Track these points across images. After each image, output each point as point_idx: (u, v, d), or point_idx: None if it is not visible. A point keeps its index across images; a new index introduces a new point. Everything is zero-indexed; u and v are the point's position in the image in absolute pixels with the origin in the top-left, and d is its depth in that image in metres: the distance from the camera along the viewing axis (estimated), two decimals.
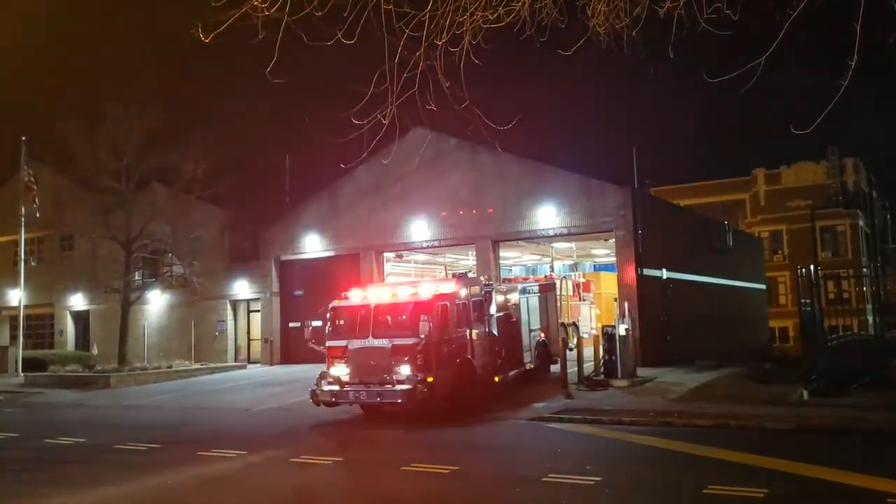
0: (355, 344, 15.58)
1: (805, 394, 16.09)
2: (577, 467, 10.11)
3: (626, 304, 21.91)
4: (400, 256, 33.72)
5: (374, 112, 5.89)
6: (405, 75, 5.81)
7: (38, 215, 31.84)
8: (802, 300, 17.49)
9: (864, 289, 46.12)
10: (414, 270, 37.31)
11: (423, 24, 5.68)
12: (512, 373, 18.46)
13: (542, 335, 20.72)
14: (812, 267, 18.31)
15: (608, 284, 32.25)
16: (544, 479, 9.45)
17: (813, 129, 6.05)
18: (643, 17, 5.92)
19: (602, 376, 19.16)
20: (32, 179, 31.53)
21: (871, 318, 44.36)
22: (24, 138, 32.15)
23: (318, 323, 16.45)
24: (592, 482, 9.22)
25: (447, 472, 10.22)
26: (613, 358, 19.07)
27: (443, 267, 37.40)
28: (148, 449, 13.21)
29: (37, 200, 31.39)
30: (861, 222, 53.32)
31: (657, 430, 13.33)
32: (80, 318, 38.53)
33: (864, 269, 48.46)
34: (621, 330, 19.25)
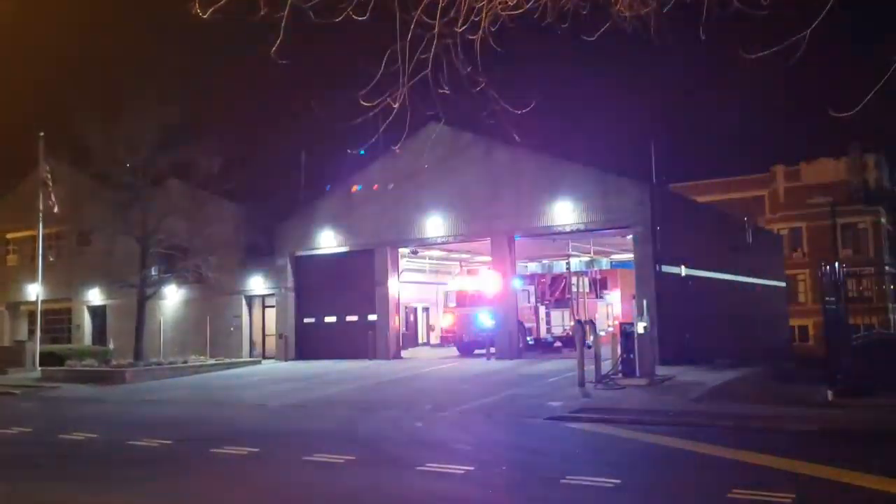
0: None
1: (830, 394, 15.72)
2: (596, 468, 9.87)
3: (644, 302, 21.57)
4: (415, 252, 33.56)
5: (384, 95, 5.62)
6: (417, 56, 5.53)
7: (56, 210, 31.92)
8: (826, 298, 17.08)
9: (885, 287, 45.40)
10: (428, 266, 37.19)
11: (437, 3, 5.43)
12: None
13: None
14: (836, 265, 17.87)
15: (626, 281, 31.87)
16: (563, 480, 9.20)
17: (838, 120, 5.75)
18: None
19: (620, 375, 18.87)
20: (49, 175, 31.59)
21: (892, 317, 43.77)
22: (41, 134, 32.25)
23: None
24: (612, 484, 8.96)
25: (462, 472, 10.00)
26: (631, 356, 18.78)
27: (457, 263, 37.25)
28: (160, 445, 13.10)
29: (53, 196, 31.47)
30: (883, 219, 52.48)
31: (677, 431, 13.04)
32: (97, 313, 38.71)
33: (887, 267, 47.76)
34: (639, 328, 18.94)
